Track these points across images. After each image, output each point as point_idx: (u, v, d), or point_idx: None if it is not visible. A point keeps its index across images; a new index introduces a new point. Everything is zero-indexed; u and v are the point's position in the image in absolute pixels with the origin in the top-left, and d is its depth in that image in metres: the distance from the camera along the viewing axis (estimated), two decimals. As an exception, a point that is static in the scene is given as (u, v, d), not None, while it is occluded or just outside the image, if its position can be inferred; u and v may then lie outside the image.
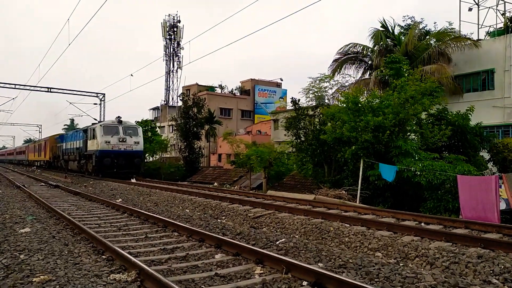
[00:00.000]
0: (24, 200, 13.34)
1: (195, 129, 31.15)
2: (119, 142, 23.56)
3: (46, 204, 11.42)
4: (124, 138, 23.82)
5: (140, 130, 25.58)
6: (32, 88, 37.43)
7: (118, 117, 24.78)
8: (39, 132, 72.58)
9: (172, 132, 42.25)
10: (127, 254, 5.45)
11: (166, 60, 36.21)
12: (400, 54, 19.74)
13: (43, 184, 20.56)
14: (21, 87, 37.49)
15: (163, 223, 8.29)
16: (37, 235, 7.23)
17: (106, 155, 23.14)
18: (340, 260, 5.56)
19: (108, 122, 24.94)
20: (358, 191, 13.48)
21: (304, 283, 4.53)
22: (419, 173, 12.50)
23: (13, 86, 37.05)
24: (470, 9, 22.97)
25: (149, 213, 9.49)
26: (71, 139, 30.98)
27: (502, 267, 5.34)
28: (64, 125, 78.04)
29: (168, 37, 35.75)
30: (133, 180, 22.25)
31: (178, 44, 35.94)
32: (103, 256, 5.77)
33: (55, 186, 18.72)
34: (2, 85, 36.38)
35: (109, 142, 23.26)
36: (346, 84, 23.46)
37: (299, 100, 20.22)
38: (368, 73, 24.24)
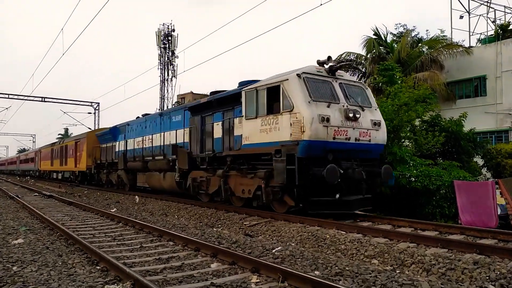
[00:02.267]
0: (17, 210, 13.20)
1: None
2: (346, 121, 9.21)
3: (39, 214, 11.30)
4: (356, 111, 9.35)
5: (369, 92, 10.58)
6: (26, 97, 37.37)
7: (328, 59, 9.83)
8: (33, 142, 72.28)
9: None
10: (122, 264, 5.40)
11: (160, 69, 36.17)
12: (393, 61, 19.94)
13: (37, 194, 20.37)
14: (15, 96, 37.46)
15: (159, 233, 8.23)
16: (31, 246, 7.15)
17: (324, 155, 8.94)
18: (336, 268, 5.55)
19: (310, 70, 9.55)
20: (354, 198, 13.42)
21: (301, 291, 4.51)
22: (413, 179, 12.55)
23: (7, 95, 36.99)
24: (461, 17, 23.38)
25: (144, 223, 9.42)
26: (143, 132, 17.04)
27: (498, 273, 5.34)
28: (58, 134, 77.64)
29: (162, 46, 35.75)
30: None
31: (173, 52, 35.95)
32: (98, 267, 5.71)
33: (49, 196, 18.54)
34: (-5, 94, 36.31)
35: (328, 119, 8.79)
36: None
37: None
38: (362, 80, 24.43)
